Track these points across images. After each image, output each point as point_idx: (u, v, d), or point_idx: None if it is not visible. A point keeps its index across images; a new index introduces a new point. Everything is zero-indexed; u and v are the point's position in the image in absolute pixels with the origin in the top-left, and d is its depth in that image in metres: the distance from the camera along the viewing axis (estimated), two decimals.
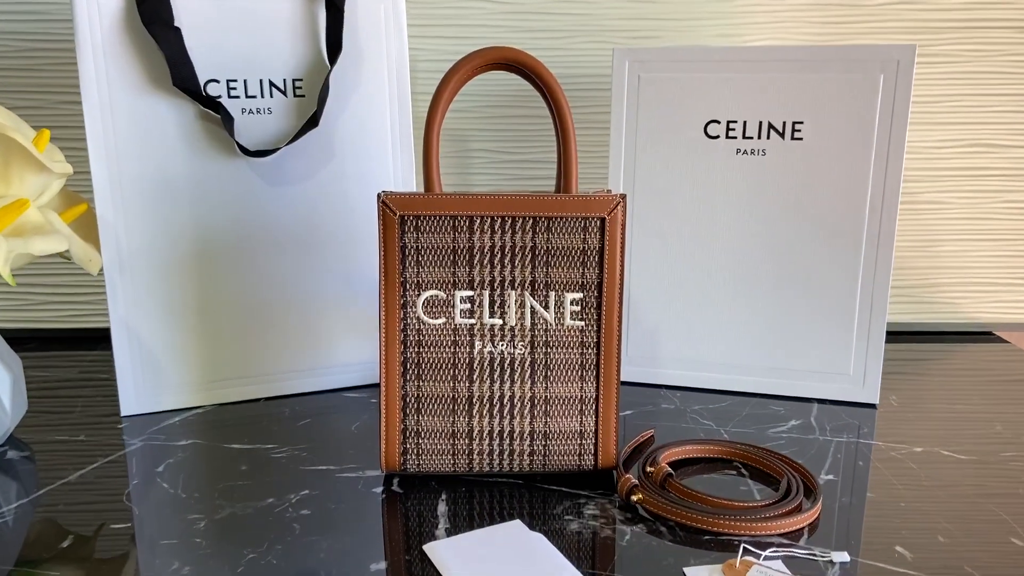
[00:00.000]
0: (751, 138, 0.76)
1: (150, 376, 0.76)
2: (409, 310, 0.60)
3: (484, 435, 0.61)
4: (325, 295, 0.80)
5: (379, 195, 0.59)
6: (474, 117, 0.98)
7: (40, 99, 0.93)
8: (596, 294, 0.60)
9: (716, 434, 0.72)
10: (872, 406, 0.78)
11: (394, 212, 0.59)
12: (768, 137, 0.76)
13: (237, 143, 0.73)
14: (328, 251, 0.79)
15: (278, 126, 0.76)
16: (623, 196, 0.60)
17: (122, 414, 0.76)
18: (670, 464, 0.65)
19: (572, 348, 0.61)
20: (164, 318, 0.75)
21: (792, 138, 0.75)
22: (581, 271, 0.60)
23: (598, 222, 0.59)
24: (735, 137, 0.76)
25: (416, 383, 0.61)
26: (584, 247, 0.60)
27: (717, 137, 0.77)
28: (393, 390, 0.61)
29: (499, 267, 0.60)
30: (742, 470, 0.65)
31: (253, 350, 0.78)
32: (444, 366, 0.61)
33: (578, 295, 0.60)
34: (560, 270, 0.60)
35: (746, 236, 0.78)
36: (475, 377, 0.61)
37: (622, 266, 0.60)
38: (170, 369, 0.76)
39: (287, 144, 0.74)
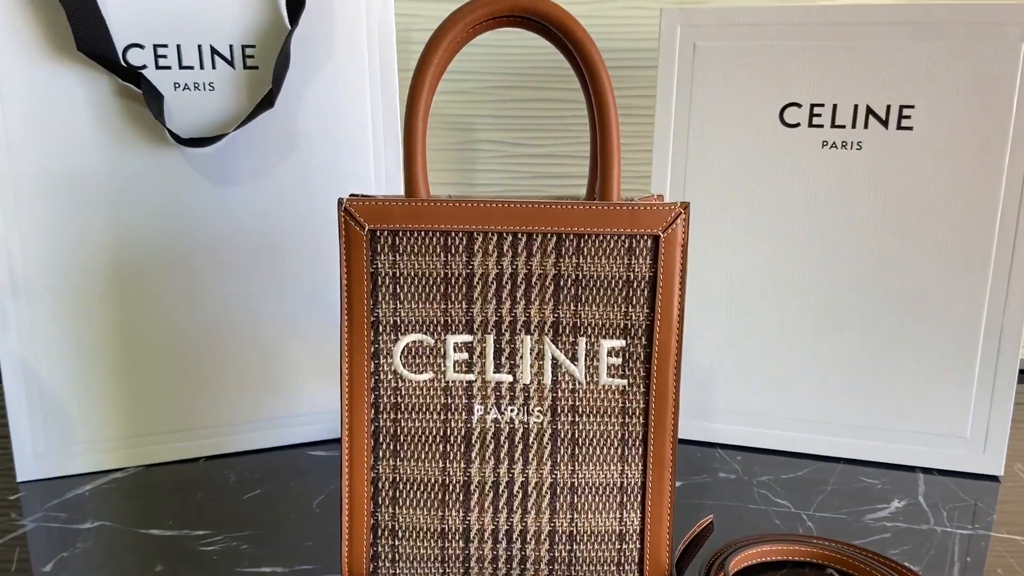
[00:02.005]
0: (842, 127, 0.60)
1: (54, 430, 0.61)
2: (383, 361, 0.45)
3: (486, 536, 0.46)
4: (285, 325, 0.65)
5: (340, 202, 0.44)
6: (479, 100, 0.82)
7: None
8: (644, 342, 0.45)
9: (796, 519, 0.56)
10: (994, 478, 0.62)
11: (361, 225, 0.44)
12: (866, 126, 0.60)
13: (168, 129, 0.58)
14: (289, 269, 0.64)
15: (222, 107, 0.60)
16: (685, 206, 0.44)
17: (18, 480, 0.61)
18: (742, 571, 0.49)
19: (610, 416, 0.45)
20: (72, 355, 0.61)
21: (898, 127, 0.59)
22: (624, 310, 0.44)
23: (649, 242, 0.44)
24: (821, 126, 0.60)
25: (392, 462, 0.46)
26: (629, 277, 0.44)
27: (797, 125, 0.61)
28: (359, 472, 0.46)
29: (509, 303, 0.44)
30: None
31: (190, 396, 0.64)
32: (431, 440, 0.45)
33: (619, 343, 0.45)
34: (595, 308, 0.44)
35: (833, 255, 0.62)
36: (474, 455, 0.45)
37: (681, 304, 0.45)
38: (80, 421, 0.62)
39: (234, 130, 0.59)
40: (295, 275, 0.65)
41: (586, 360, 0.46)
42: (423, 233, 0.44)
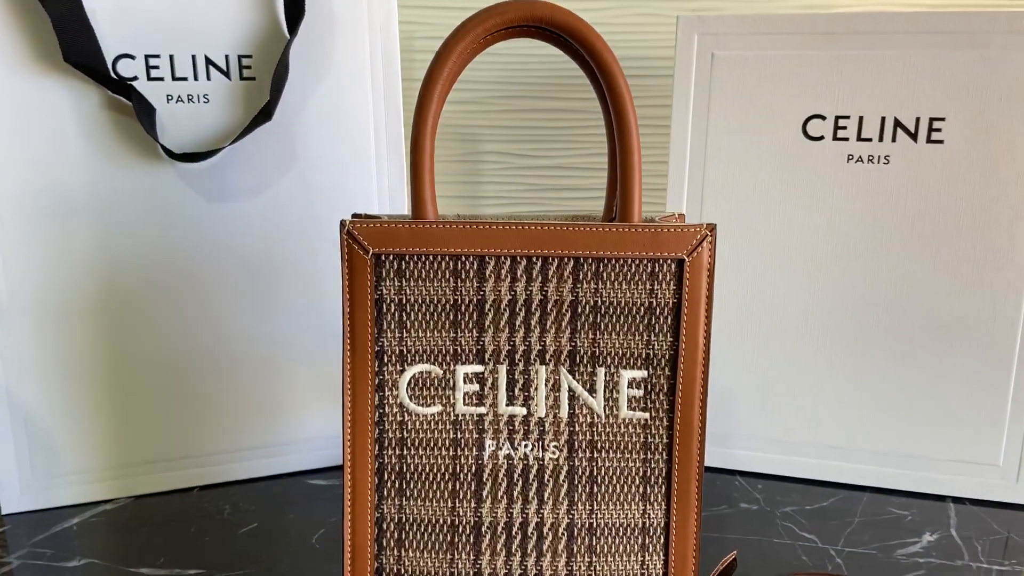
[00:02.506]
0: (869, 140, 0.58)
1: (40, 460, 0.59)
2: (388, 393, 0.42)
3: None
4: (283, 348, 0.62)
5: (343, 224, 0.41)
6: (484, 110, 0.80)
7: None
8: (667, 372, 0.42)
9: (824, 556, 0.53)
10: None
11: (365, 249, 0.41)
12: (894, 139, 0.57)
13: (160, 144, 0.55)
14: (287, 290, 0.61)
15: (218, 120, 0.58)
16: (711, 228, 0.41)
17: (3, 512, 0.58)
18: None
19: (631, 452, 0.43)
20: (59, 381, 0.58)
21: (928, 140, 0.57)
22: (646, 338, 0.42)
23: (673, 266, 0.41)
24: (846, 139, 0.58)
25: (397, 502, 0.43)
26: (651, 303, 0.41)
27: (821, 138, 0.58)
28: (362, 511, 0.43)
29: (523, 331, 0.42)
30: None
31: (183, 423, 0.61)
32: (439, 477, 0.43)
33: (640, 374, 0.42)
34: (614, 336, 0.42)
35: (858, 274, 0.59)
36: (485, 494, 0.43)
37: (707, 332, 0.42)
38: (68, 450, 0.59)
39: (230, 144, 0.57)
40: (293, 295, 0.63)
41: (605, 392, 0.43)
42: (431, 257, 0.42)
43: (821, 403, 0.63)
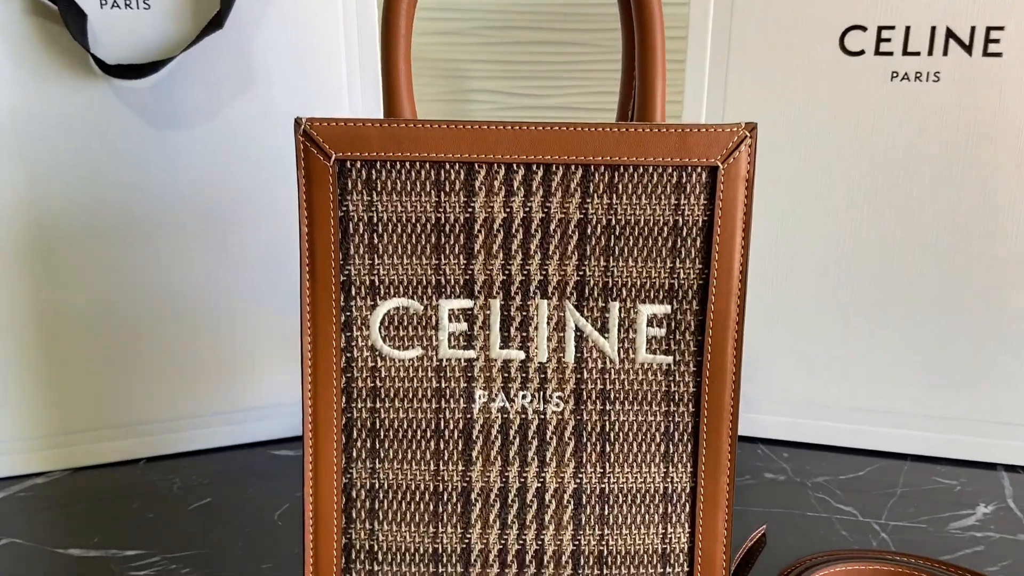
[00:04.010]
0: (916, 54, 0.51)
1: None
2: (356, 334, 0.35)
3: (491, 558, 0.36)
4: (241, 301, 0.55)
5: (298, 123, 0.34)
6: (472, 42, 0.73)
7: None
8: (696, 307, 0.35)
9: (867, 530, 0.47)
10: None
11: (327, 154, 0.34)
12: (945, 53, 0.51)
13: (92, 54, 0.48)
14: (245, 233, 0.55)
15: (160, 29, 0.51)
16: (751, 128, 0.34)
17: None
18: None
19: (650, 404, 0.36)
20: None
21: (985, 53, 0.50)
22: (670, 265, 0.35)
23: (704, 176, 0.34)
24: (890, 53, 0.51)
25: (369, 465, 0.36)
26: (677, 221, 0.35)
27: (861, 53, 0.52)
28: (327, 477, 0.36)
29: (520, 257, 0.35)
30: None
31: (127, 386, 0.56)
32: (420, 435, 0.36)
33: (663, 309, 0.35)
34: (632, 263, 0.35)
35: (901, 212, 0.53)
36: (475, 455, 0.36)
37: (745, 257, 0.35)
38: None
39: (176, 57, 0.49)
40: (253, 240, 0.56)
41: (620, 331, 0.36)
42: (408, 165, 0.35)
43: (856, 361, 0.57)
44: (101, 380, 0.55)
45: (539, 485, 0.37)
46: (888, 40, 0.52)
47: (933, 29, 0.52)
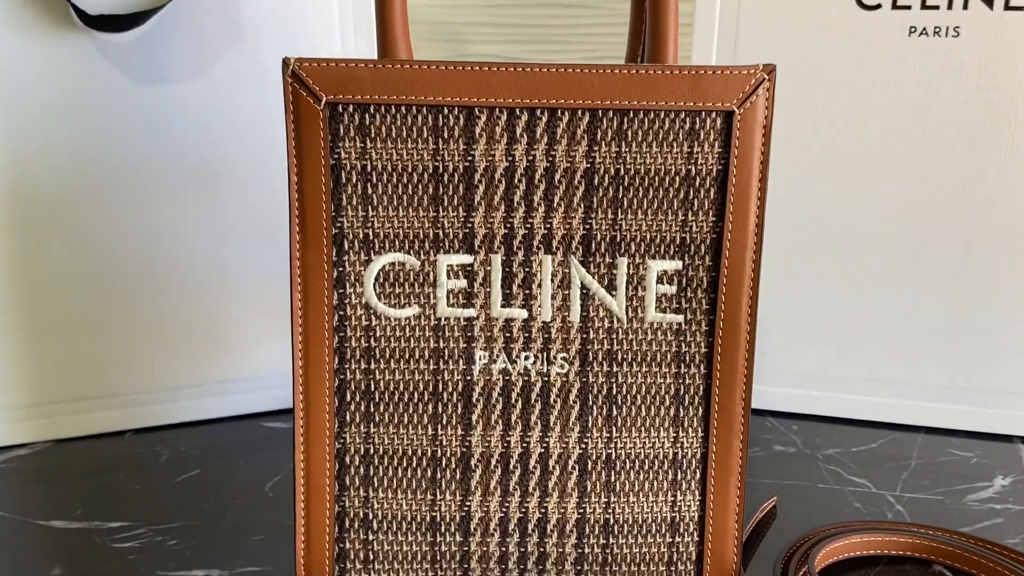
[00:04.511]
0: (935, 8, 0.49)
1: None
2: (350, 291, 0.34)
3: (492, 527, 0.35)
4: (232, 266, 0.54)
5: (286, 63, 0.32)
6: (473, 5, 0.70)
7: None
8: (709, 263, 0.34)
9: (881, 502, 0.46)
10: None
11: (317, 97, 0.32)
12: (965, 6, 0.49)
13: (73, 5, 0.46)
14: (235, 195, 0.53)
15: None
16: (769, 70, 0.32)
17: None
18: (828, 568, 0.39)
19: (660, 365, 0.34)
20: None
21: (1007, 7, 0.49)
22: (681, 218, 0.33)
23: (719, 121, 0.32)
24: (908, 7, 0.50)
25: (364, 429, 0.34)
26: (690, 171, 0.33)
27: (877, 7, 0.50)
28: (319, 442, 0.34)
29: (523, 209, 0.33)
30: None
31: (113, 355, 0.54)
32: (418, 398, 0.34)
33: (674, 265, 0.34)
34: (641, 216, 0.33)
35: (917, 173, 0.51)
36: (476, 419, 0.34)
37: (761, 209, 0.33)
38: None
39: (163, 7, 0.47)
40: (243, 202, 0.54)
41: (628, 288, 0.35)
42: (404, 109, 0.33)
43: (868, 330, 0.55)
44: (85, 348, 0.53)
45: (542, 450, 0.35)
46: None
47: None
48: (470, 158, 0.33)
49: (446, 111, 0.33)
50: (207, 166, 0.53)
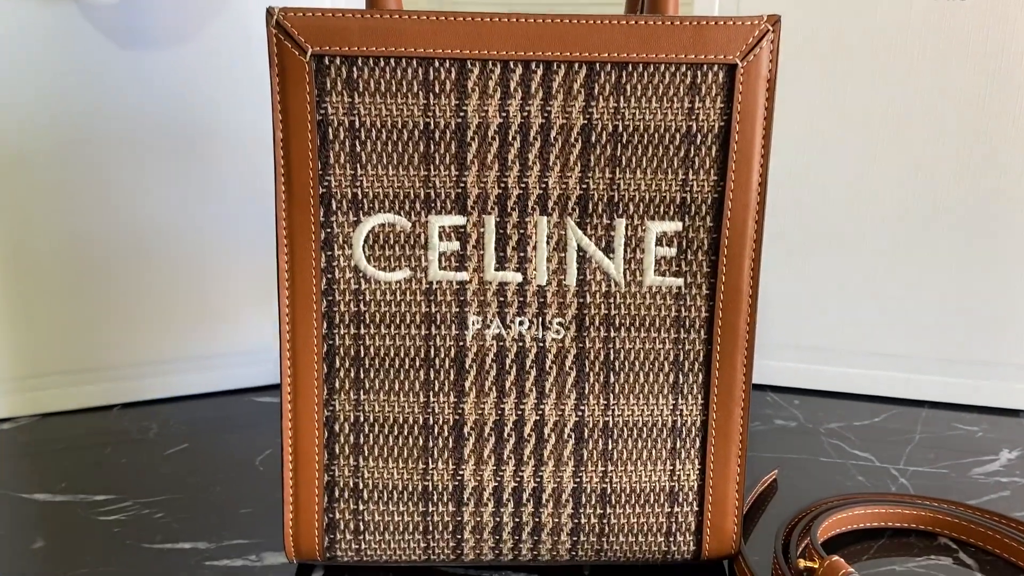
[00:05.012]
0: None
1: None
2: (338, 253, 0.32)
3: (486, 497, 0.34)
4: (222, 236, 0.52)
5: (270, 13, 0.31)
6: None
7: None
8: (710, 224, 0.33)
9: (885, 476, 0.45)
10: None
11: (302, 48, 0.31)
12: None
13: None
14: (224, 162, 0.52)
15: None
16: (774, 21, 0.31)
17: None
18: (830, 540, 0.38)
19: (659, 330, 0.33)
20: None
21: None
22: (682, 177, 0.32)
23: (720, 75, 0.31)
24: None
25: (353, 396, 0.33)
26: (690, 127, 0.32)
27: None
28: (307, 409, 0.33)
29: (517, 168, 0.32)
30: (959, 553, 0.38)
31: (100, 327, 0.53)
32: (408, 364, 0.33)
33: (673, 226, 0.33)
34: (640, 175, 0.32)
35: (922, 140, 0.50)
36: (468, 386, 0.33)
37: (764, 166, 0.32)
38: None
39: None
40: (233, 169, 0.52)
41: (626, 251, 0.33)
42: (394, 62, 0.32)
43: (870, 304, 0.54)
44: (71, 321, 0.52)
45: (537, 418, 0.34)
46: None
47: None
48: (462, 114, 0.32)
49: (437, 64, 0.32)
50: (193, 130, 0.52)
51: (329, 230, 0.33)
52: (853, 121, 0.52)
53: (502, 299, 0.34)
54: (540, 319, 0.34)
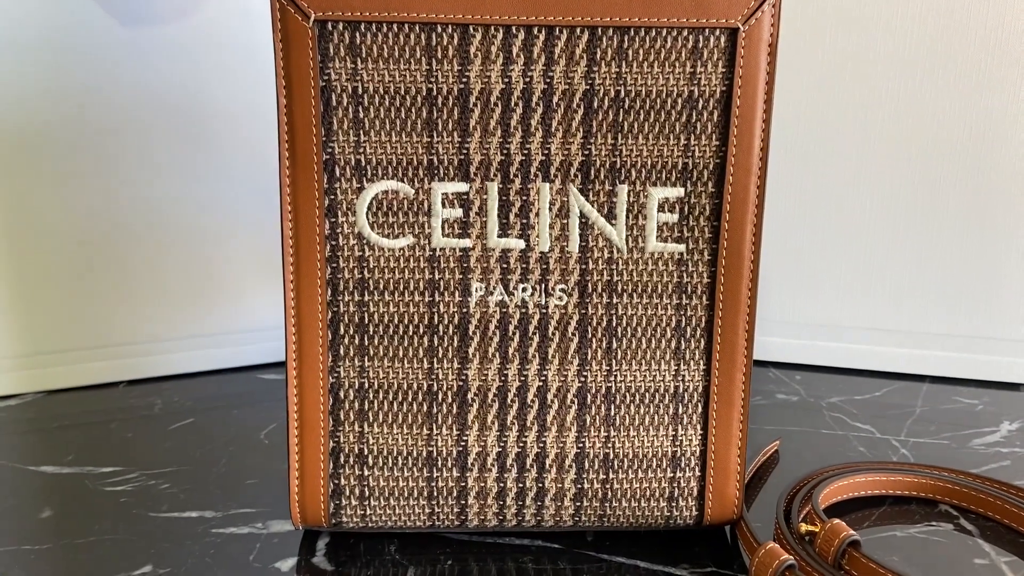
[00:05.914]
0: None
1: None
2: (342, 220, 0.33)
3: (489, 462, 0.34)
4: (227, 214, 0.52)
5: None
6: None
7: None
8: (712, 190, 0.33)
9: (886, 447, 0.45)
10: None
11: (305, 14, 0.31)
12: None
13: None
14: (229, 140, 0.52)
15: None
16: None
17: None
18: (832, 507, 0.38)
19: (661, 296, 0.34)
20: None
21: None
22: (684, 143, 0.32)
23: (723, 39, 0.31)
24: None
25: (357, 363, 0.34)
26: (692, 92, 0.32)
27: None
28: (312, 376, 0.34)
29: (519, 134, 0.32)
30: (960, 519, 0.38)
31: (106, 305, 0.53)
32: (412, 331, 0.34)
33: (675, 192, 0.33)
34: (642, 141, 0.32)
35: (925, 109, 0.50)
36: (472, 352, 0.34)
37: (766, 132, 0.32)
38: None
39: None
40: (237, 147, 0.53)
41: (628, 217, 0.34)
42: (396, 28, 0.32)
43: (871, 279, 0.54)
44: (78, 298, 0.52)
45: (540, 384, 0.35)
46: None
47: None
48: (465, 79, 0.32)
49: (439, 29, 0.32)
50: (197, 108, 0.52)
51: (333, 197, 0.33)
52: (852, 98, 0.52)
53: (505, 266, 0.34)
54: (543, 285, 0.34)
